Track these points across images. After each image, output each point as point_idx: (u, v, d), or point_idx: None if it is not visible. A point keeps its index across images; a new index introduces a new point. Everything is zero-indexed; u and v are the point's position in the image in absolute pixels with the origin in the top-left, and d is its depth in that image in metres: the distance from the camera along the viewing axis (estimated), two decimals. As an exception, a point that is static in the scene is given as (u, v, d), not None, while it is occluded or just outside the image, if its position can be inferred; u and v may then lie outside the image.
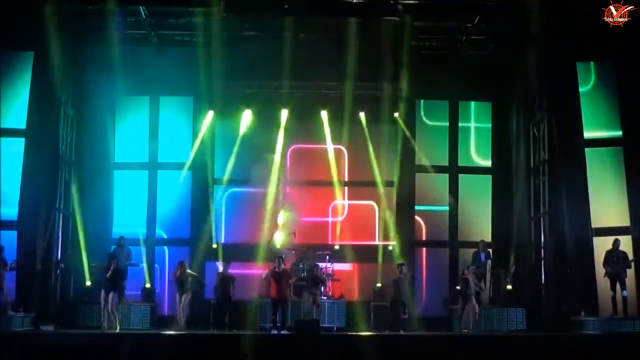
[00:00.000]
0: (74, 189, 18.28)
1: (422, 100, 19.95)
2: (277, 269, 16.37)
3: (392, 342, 14.68)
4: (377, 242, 19.40)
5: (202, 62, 17.99)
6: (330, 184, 19.62)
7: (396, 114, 19.44)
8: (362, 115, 19.52)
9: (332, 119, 19.48)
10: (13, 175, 17.02)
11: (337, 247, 19.09)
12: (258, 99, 19.41)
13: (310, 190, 19.73)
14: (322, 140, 19.61)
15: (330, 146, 19.60)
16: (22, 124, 17.16)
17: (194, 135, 19.48)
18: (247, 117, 19.42)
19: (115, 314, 15.77)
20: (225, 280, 16.83)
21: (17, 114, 17.33)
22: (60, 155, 17.92)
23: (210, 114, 19.36)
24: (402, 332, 15.92)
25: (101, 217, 18.62)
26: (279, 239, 18.71)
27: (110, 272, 15.75)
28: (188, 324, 16.43)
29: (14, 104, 17.41)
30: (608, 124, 17.73)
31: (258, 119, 19.43)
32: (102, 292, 15.78)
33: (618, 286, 16.31)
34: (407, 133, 19.54)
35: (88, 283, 17.54)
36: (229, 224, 19.67)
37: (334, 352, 14.22)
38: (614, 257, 16.41)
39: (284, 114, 19.41)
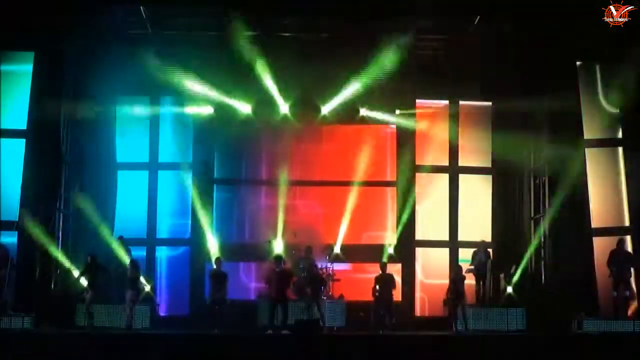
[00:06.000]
0: (74, 189, 18.28)
1: (421, 100, 19.95)
2: (277, 269, 16.38)
3: (391, 342, 14.69)
4: (378, 242, 19.39)
5: (202, 62, 17.99)
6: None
7: (397, 112, 19.48)
8: (362, 113, 19.54)
9: (333, 117, 19.54)
10: (13, 175, 17.04)
11: (337, 247, 19.13)
12: (258, 97, 19.41)
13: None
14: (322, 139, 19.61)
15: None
16: (22, 125, 17.20)
17: (194, 135, 19.49)
18: (246, 116, 19.43)
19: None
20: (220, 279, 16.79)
21: (17, 114, 17.34)
22: (61, 155, 17.92)
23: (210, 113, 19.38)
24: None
25: (102, 217, 18.60)
26: (279, 244, 18.71)
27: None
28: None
29: (14, 104, 17.41)
30: (608, 124, 17.79)
31: (258, 118, 19.44)
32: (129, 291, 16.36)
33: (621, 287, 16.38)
34: (408, 133, 19.58)
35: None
36: (229, 223, 19.66)
37: (334, 352, 14.23)
38: (619, 257, 16.43)
39: (284, 112, 19.43)
